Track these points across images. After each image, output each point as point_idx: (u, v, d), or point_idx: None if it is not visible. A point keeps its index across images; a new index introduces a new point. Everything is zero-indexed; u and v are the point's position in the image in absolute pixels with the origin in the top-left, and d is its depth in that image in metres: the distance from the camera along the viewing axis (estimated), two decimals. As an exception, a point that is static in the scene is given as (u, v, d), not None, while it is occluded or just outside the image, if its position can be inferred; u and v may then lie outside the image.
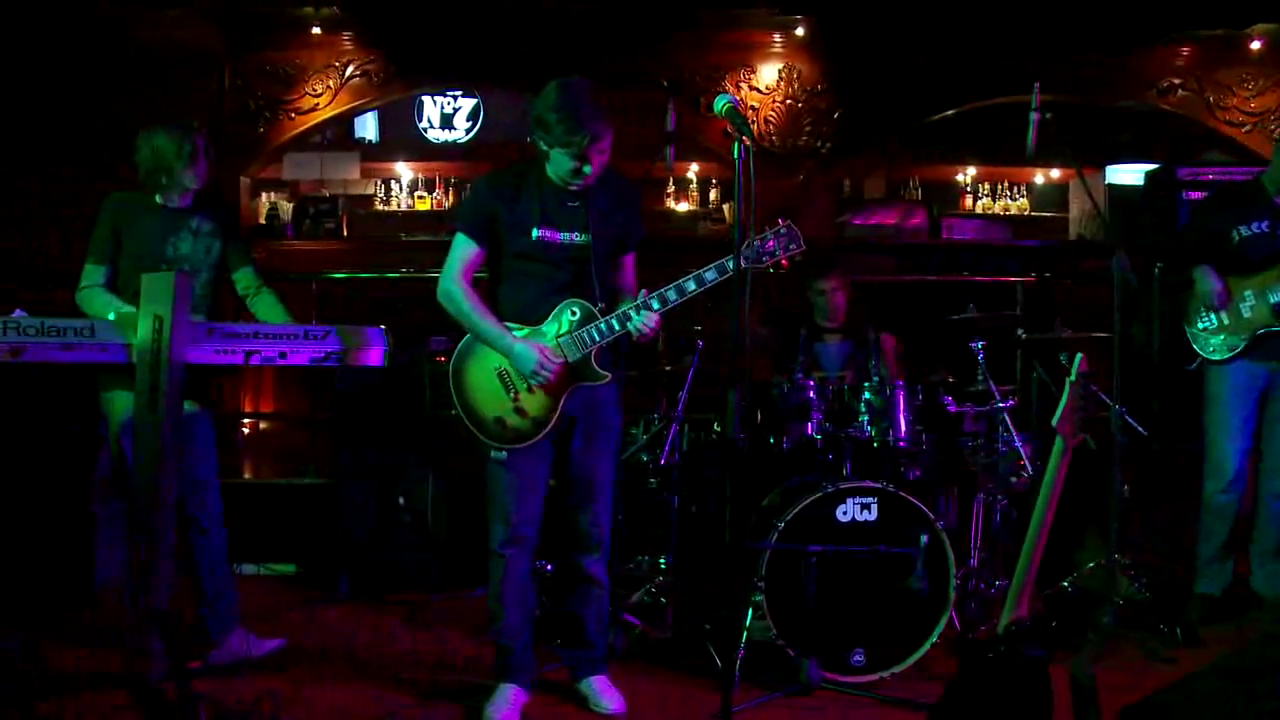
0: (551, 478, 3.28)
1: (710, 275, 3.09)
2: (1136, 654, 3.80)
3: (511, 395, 3.14)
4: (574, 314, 3.16)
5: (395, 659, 3.81)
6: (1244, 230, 4.10)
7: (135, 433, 3.29)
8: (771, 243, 3.11)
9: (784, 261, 3.11)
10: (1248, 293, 4.05)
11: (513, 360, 3.12)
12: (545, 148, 3.09)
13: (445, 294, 3.19)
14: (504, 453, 3.16)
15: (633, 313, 3.10)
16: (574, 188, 3.15)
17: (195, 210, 3.59)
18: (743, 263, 3.00)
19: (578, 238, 3.17)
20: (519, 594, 3.26)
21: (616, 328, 3.13)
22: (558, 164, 3.09)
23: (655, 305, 3.11)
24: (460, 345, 3.21)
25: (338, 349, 3.44)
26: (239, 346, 3.35)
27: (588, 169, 3.08)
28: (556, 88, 3.04)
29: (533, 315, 3.17)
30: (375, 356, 3.50)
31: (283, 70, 5.86)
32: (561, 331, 3.15)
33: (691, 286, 3.11)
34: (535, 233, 3.14)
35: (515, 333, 3.15)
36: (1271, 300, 3.99)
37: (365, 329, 3.48)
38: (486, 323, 3.14)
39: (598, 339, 3.13)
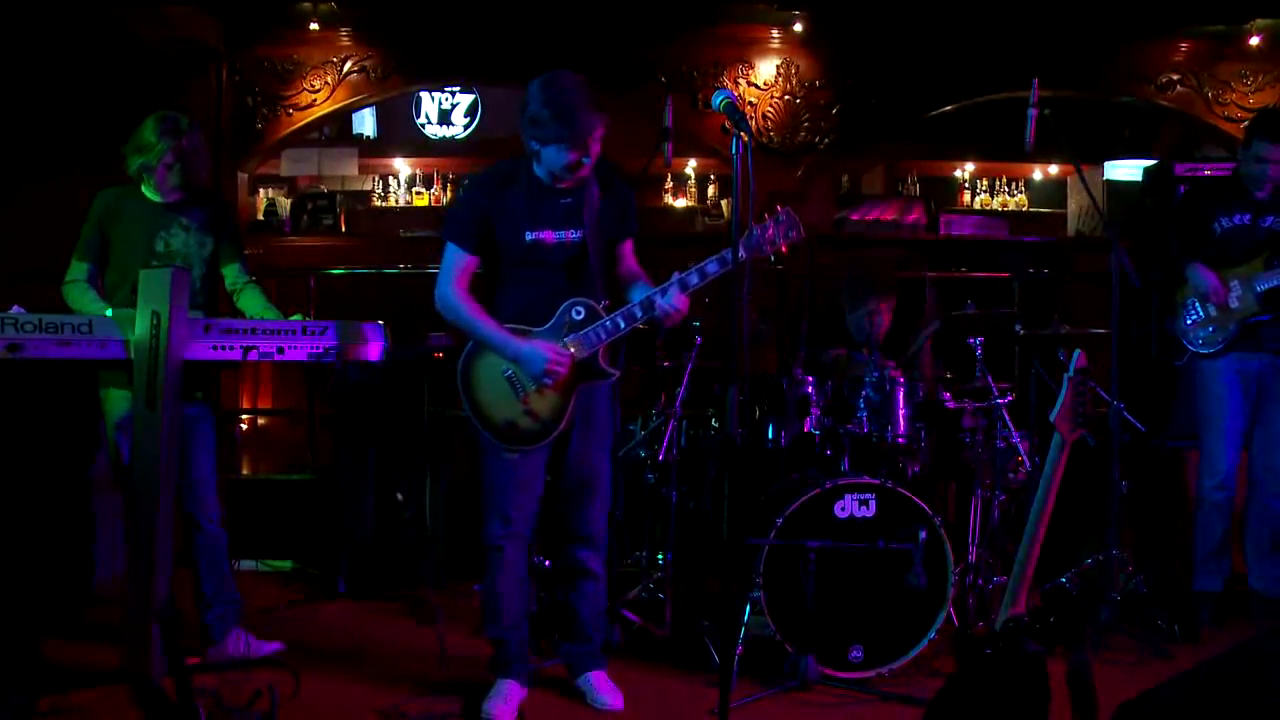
0: (548, 474, 3.29)
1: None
2: (1134, 650, 3.80)
3: (521, 398, 3.13)
4: (579, 313, 3.14)
5: (393, 655, 3.82)
6: (1225, 223, 4.17)
7: (134, 430, 3.30)
8: (770, 230, 3.09)
9: (783, 248, 3.10)
10: (1233, 283, 4.09)
11: (520, 363, 3.09)
12: (538, 146, 3.05)
13: (442, 302, 3.16)
14: (517, 453, 3.16)
15: (657, 297, 3.09)
16: (564, 184, 3.12)
17: (187, 204, 3.58)
18: (743, 252, 3.01)
19: (573, 235, 3.15)
20: (515, 587, 3.26)
21: (639, 315, 3.10)
22: (552, 160, 3.05)
23: (678, 289, 3.10)
24: (466, 350, 3.18)
25: (336, 344, 3.44)
26: (237, 342, 3.35)
27: (586, 159, 3.05)
28: (543, 85, 3.01)
29: (534, 317, 3.15)
30: (374, 352, 3.50)
31: (281, 66, 5.85)
32: (567, 331, 3.14)
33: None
34: (529, 235, 3.12)
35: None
36: (1258, 289, 4.04)
37: (363, 324, 3.49)
38: (489, 328, 3.11)
39: (604, 337, 3.12)
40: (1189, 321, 4.17)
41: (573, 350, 3.12)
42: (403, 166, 7.45)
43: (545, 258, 3.14)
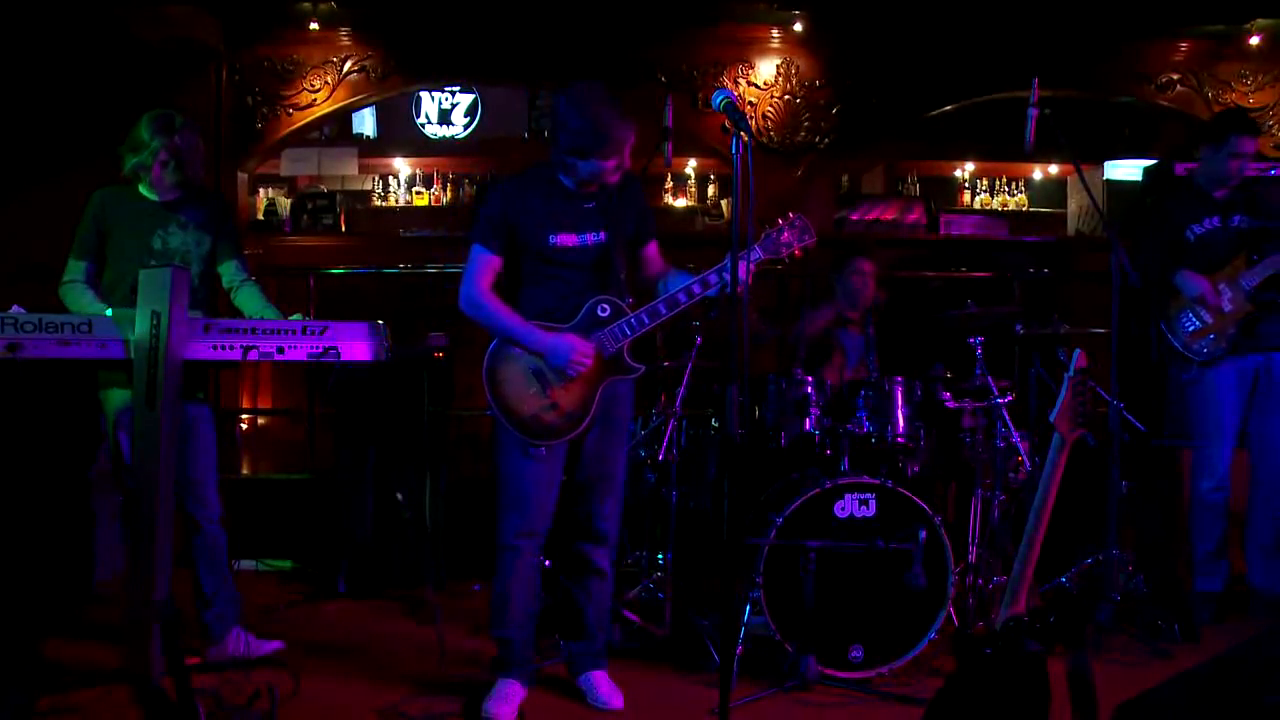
0: (563, 472, 3.30)
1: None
2: (1134, 650, 3.80)
3: (547, 392, 3.16)
4: (604, 311, 3.19)
5: (393, 654, 3.82)
6: (1196, 229, 4.20)
7: (133, 429, 3.29)
8: (787, 234, 3.22)
9: (797, 252, 3.22)
10: (1221, 286, 4.12)
11: (546, 356, 3.13)
12: (575, 160, 3.09)
13: (468, 302, 3.19)
14: (543, 449, 3.17)
15: (696, 287, 3.16)
16: (588, 189, 3.18)
17: (185, 203, 3.58)
18: (762, 253, 3.18)
19: (594, 238, 3.20)
20: (526, 587, 3.27)
21: (688, 297, 3.16)
22: (588, 171, 3.11)
23: (713, 279, 3.17)
24: (491, 349, 3.20)
25: (336, 344, 3.43)
26: (237, 342, 3.34)
27: (622, 166, 3.13)
28: (575, 99, 3.05)
29: (557, 315, 3.19)
30: (374, 352, 3.49)
31: (281, 66, 5.85)
32: (594, 328, 3.17)
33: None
34: (552, 239, 3.16)
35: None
36: (1246, 286, 4.06)
37: (363, 324, 3.48)
38: (514, 323, 3.15)
39: (629, 333, 3.17)
40: (1189, 331, 4.16)
41: (601, 347, 3.16)
42: (403, 166, 7.44)
43: (569, 259, 3.19)
